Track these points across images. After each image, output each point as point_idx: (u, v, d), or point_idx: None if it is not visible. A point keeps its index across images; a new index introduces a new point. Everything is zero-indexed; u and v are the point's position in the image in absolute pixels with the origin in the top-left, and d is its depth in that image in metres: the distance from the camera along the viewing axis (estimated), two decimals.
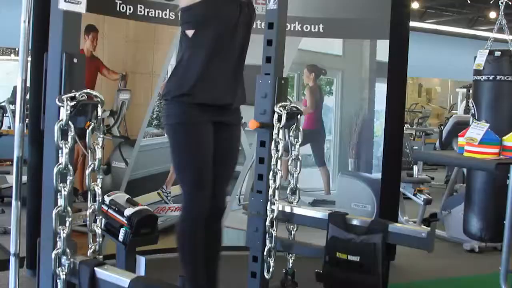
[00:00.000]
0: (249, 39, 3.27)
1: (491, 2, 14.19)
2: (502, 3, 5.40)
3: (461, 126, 6.41)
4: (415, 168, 7.35)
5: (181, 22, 3.15)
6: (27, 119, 4.05)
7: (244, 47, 3.24)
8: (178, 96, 3.11)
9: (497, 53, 5.14)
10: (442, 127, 8.97)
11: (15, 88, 11.04)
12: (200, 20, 3.03)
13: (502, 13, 5.44)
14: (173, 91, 3.12)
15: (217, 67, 3.10)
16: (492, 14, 15.97)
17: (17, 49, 13.66)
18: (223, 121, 3.26)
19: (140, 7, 4.92)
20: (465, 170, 6.44)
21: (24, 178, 3.83)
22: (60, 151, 2.59)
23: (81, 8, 2.72)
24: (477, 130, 4.22)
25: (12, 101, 11.00)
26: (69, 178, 2.60)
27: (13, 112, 10.73)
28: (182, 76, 3.09)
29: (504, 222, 3.98)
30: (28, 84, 3.52)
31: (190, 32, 3.05)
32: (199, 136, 3.14)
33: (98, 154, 2.69)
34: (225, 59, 3.12)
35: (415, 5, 15.41)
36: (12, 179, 3.48)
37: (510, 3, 6.01)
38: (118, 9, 4.80)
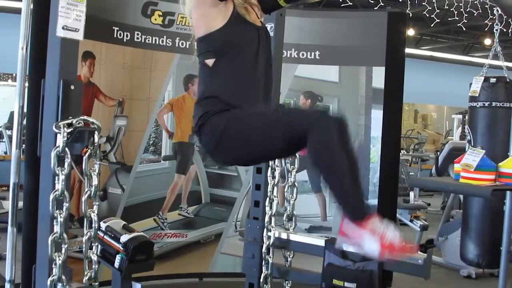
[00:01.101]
0: (271, 64, 3.15)
1: (485, 29, 14.37)
2: (496, 30, 5.45)
3: (457, 152, 6.43)
4: (412, 194, 7.36)
5: (199, 52, 2.96)
6: (24, 145, 4.05)
7: (269, 72, 3.04)
8: (216, 109, 2.82)
9: (492, 80, 5.17)
10: (438, 153, 9.00)
11: (12, 113, 11.06)
12: (219, 47, 2.89)
13: (497, 40, 5.49)
14: (211, 106, 2.83)
15: (246, 94, 2.90)
16: (487, 41, 16.07)
17: (14, 75, 13.71)
18: None
19: (137, 34, 4.95)
20: (461, 196, 6.45)
21: (20, 204, 3.82)
22: (56, 177, 2.59)
23: (79, 35, 2.75)
24: (473, 156, 4.23)
25: (9, 126, 11.01)
26: (65, 204, 2.60)
27: (10, 137, 10.75)
28: (211, 103, 2.92)
29: (501, 248, 3.97)
30: (25, 110, 3.53)
31: (210, 62, 2.89)
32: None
33: (95, 180, 2.70)
34: (252, 85, 2.94)
35: (410, 32, 15.50)
36: (8, 205, 3.47)
37: (504, 30, 6.05)
38: (115, 36, 4.83)
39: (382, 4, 11.33)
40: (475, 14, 12.35)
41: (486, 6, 11.57)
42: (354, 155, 2.79)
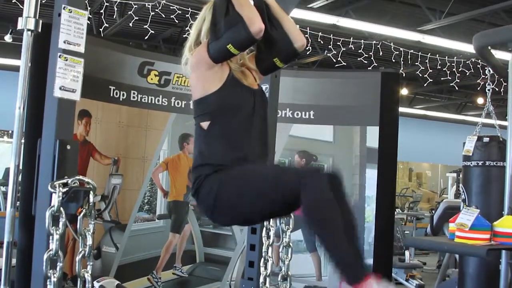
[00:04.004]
0: (267, 126, 3.18)
1: (478, 88, 14.53)
2: (489, 90, 5.51)
3: (451, 211, 6.43)
4: (407, 253, 7.33)
5: (195, 114, 3.02)
6: (18, 201, 4.03)
7: (265, 135, 3.10)
8: (209, 172, 2.86)
9: (486, 139, 5.21)
10: (433, 211, 8.99)
11: (6, 170, 11.05)
12: (215, 111, 2.95)
13: (489, 100, 5.55)
14: (205, 170, 2.88)
15: (241, 157, 2.92)
16: (480, 100, 16.24)
17: (10, 132, 13.75)
18: None
19: (134, 93, 5.00)
20: (457, 255, 6.42)
21: (13, 261, 3.79)
22: (51, 237, 2.59)
23: (76, 96, 2.78)
24: (468, 216, 4.23)
25: (4, 183, 10.97)
26: (59, 264, 2.58)
27: (4, 194, 10.70)
28: (207, 165, 2.89)
29: None
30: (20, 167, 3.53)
31: (205, 124, 2.95)
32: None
33: (89, 240, 2.69)
34: (247, 148, 2.96)
35: (404, 92, 15.66)
36: (1, 263, 3.44)
37: (496, 89, 6.12)
38: (111, 95, 4.88)
39: (376, 64, 11.51)
40: (467, 74, 12.52)
41: (478, 66, 11.76)
42: (349, 212, 2.79)
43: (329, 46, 10.85)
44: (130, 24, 9.47)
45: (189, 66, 3.01)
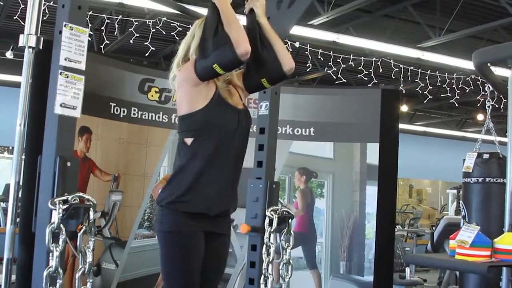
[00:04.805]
0: (246, 146, 3.26)
1: (478, 105, 14.55)
2: (488, 107, 5.53)
3: (452, 227, 6.42)
4: (407, 270, 7.31)
5: (179, 130, 3.12)
6: (18, 218, 4.03)
7: (241, 155, 3.20)
8: (171, 203, 3.03)
9: (486, 156, 5.21)
10: (433, 228, 8.97)
11: (7, 186, 11.03)
12: (198, 129, 3.02)
13: (489, 116, 5.56)
14: (167, 198, 3.05)
15: (214, 175, 3.05)
16: (480, 116, 16.26)
17: (11, 148, 13.76)
18: (214, 231, 3.15)
19: (134, 110, 5.00)
20: (458, 272, 6.40)
21: (13, 277, 3.78)
22: (50, 254, 2.58)
23: (76, 113, 2.78)
24: (468, 232, 4.22)
25: (4, 199, 10.95)
26: (59, 281, 2.58)
27: (4, 210, 10.68)
28: (177, 183, 3.05)
29: None
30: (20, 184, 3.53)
31: (188, 140, 3.03)
32: (190, 246, 3.06)
33: (89, 257, 2.68)
34: (222, 167, 3.07)
35: (404, 108, 15.69)
36: (1, 279, 3.43)
37: (496, 106, 6.13)
38: (112, 111, 4.88)
39: (376, 81, 11.54)
40: (467, 90, 12.55)
41: (478, 82, 11.79)
42: None
43: (329, 63, 10.90)
44: (131, 41, 9.52)
45: (176, 82, 3.05)
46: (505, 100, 4.65)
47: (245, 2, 3.34)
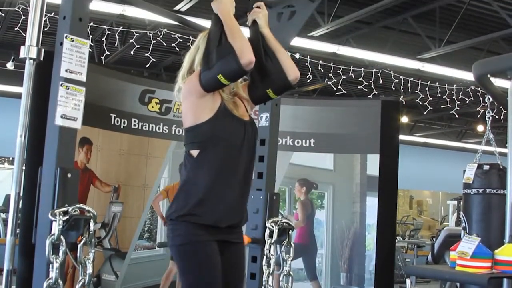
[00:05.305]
0: (254, 157, 3.23)
1: (478, 116, 14.57)
2: (488, 118, 5.53)
3: (452, 239, 6.41)
4: (408, 281, 7.27)
5: (185, 142, 3.11)
6: (18, 228, 4.03)
7: (250, 166, 3.17)
8: (183, 216, 2.98)
9: (486, 167, 5.20)
10: (434, 239, 8.96)
11: (7, 196, 11.01)
12: (204, 140, 3.01)
13: (489, 127, 5.56)
14: (178, 211, 3.00)
15: (222, 188, 3.01)
16: (480, 127, 16.28)
17: (11, 158, 13.75)
18: (228, 239, 3.10)
19: (134, 121, 5.01)
20: (458, 283, 6.38)
21: None
22: (50, 265, 2.58)
23: (77, 124, 2.79)
24: (469, 244, 4.22)
25: (4, 209, 10.92)
26: None
27: (4, 220, 10.65)
28: (187, 196, 2.99)
29: None
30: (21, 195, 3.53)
31: (195, 152, 3.02)
32: (207, 256, 3.00)
33: (89, 269, 2.68)
34: (231, 179, 3.03)
35: (404, 119, 15.70)
36: None
37: (496, 117, 6.14)
38: (112, 123, 4.89)
39: (376, 92, 11.56)
40: (467, 101, 12.57)
41: (477, 93, 11.81)
42: None
43: (330, 74, 10.92)
44: (132, 52, 9.54)
45: (181, 94, 3.04)
46: (505, 111, 4.65)
47: (247, 14, 3.35)
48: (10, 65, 10.66)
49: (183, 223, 2.98)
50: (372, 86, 11.46)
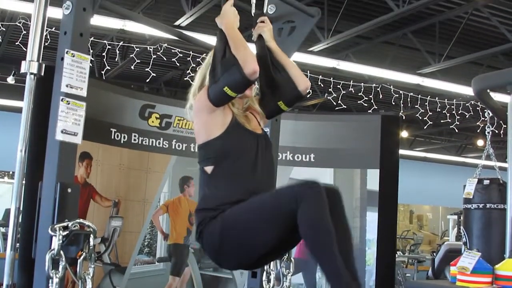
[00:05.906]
0: (273, 170, 3.18)
1: (478, 131, 14.58)
2: (488, 133, 5.54)
3: (453, 253, 6.40)
4: None
5: (199, 159, 3.04)
6: (18, 243, 4.02)
7: (270, 179, 3.09)
8: (212, 215, 2.85)
9: (486, 182, 5.20)
10: (434, 254, 8.94)
11: (7, 210, 10.99)
12: (218, 156, 2.96)
13: (489, 142, 5.57)
14: (206, 216, 2.88)
15: (240, 201, 2.88)
16: (480, 142, 16.29)
17: (11, 172, 13.74)
18: None
19: (134, 136, 5.01)
20: None
21: None
22: (50, 280, 2.57)
23: (77, 139, 2.79)
24: (469, 259, 4.22)
25: (3, 224, 10.90)
26: None
27: (3, 234, 10.62)
28: (210, 205, 2.89)
29: None
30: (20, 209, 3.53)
31: (209, 169, 2.96)
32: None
33: (89, 284, 2.67)
34: (247, 195, 2.89)
35: (404, 134, 15.72)
36: None
37: (496, 131, 6.14)
38: (112, 137, 4.89)
39: (376, 107, 11.58)
40: (467, 116, 12.59)
41: (477, 108, 11.83)
42: (345, 231, 2.81)
43: (330, 89, 10.95)
44: (132, 67, 9.57)
45: (193, 111, 3.02)
46: (505, 126, 4.66)
47: (252, 30, 3.36)
48: (11, 80, 10.69)
49: (211, 221, 2.86)
50: (372, 101, 11.48)
